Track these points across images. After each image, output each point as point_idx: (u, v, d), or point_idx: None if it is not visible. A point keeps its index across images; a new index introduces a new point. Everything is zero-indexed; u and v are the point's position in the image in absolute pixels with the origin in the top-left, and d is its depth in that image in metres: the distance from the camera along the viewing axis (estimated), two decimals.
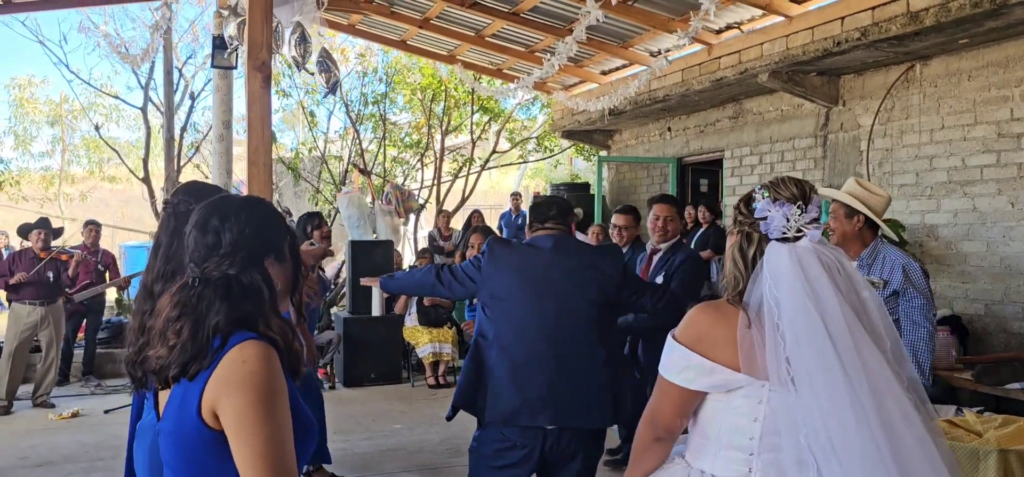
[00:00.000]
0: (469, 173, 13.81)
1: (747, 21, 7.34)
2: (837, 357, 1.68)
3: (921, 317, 3.58)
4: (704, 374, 1.80)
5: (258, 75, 3.40)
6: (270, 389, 1.55)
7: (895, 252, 3.69)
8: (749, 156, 8.81)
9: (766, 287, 1.75)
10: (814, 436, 1.69)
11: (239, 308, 1.61)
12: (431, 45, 9.93)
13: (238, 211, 1.71)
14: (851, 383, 1.67)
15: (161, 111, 12.37)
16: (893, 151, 7.00)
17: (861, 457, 1.65)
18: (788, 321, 1.71)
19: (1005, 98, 6.04)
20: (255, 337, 1.59)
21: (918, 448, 1.68)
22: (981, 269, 6.23)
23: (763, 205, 1.81)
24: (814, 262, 1.74)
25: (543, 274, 3.33)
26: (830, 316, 1.70)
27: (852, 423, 1.66)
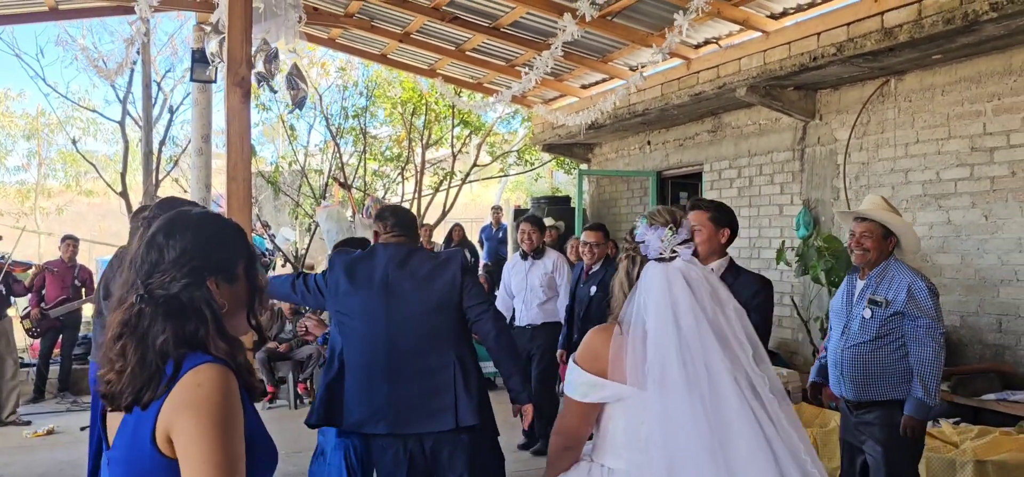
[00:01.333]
0: (450, 187, 13.82)
1: (725, 36, 7.42)
2: (686, 362, 1.93)
3: (925, 336, 3.50)
4: (596, 389, 2.06)
5: (237, 91, 3.39)
6: (225, 415, 1.50)
7: (905, 271, 3.62)
8: (728, 169, 8.89)
9: (638, 302, 2.03)
10: (663, 433, 1.93)
11: (183, 328, 1.56)
12: (411, 59, 9.94)
13: (185, 228, 1.65)
14: (696, 386, 1.92)
15: (139, 125, 12.28)
16: (869, 165, 7.08)
17: (696, 453, 1.89)
18: (653, 330, 1.98)
19: (978, 113, 6.14)
20: (211, 360, 1.54)
21: (754, 447, 1.90)
22: (956, 281, 6.32)
23: (641, 231, 2.11)
24: (679, 279, 2.01)
25: (381, 287, 3.38)
26: (685, 326, 1.96)
27: (696, 421, 1.90)
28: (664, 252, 2.06)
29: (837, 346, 3.72)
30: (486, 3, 7.59)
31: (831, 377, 3.79)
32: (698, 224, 3.24)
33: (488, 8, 7.72)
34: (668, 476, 1.92)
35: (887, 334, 3.57)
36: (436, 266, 3.43)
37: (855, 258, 3.71)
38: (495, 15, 7.85)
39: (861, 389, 3.59)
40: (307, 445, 6.45)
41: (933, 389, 3.51)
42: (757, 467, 1.89)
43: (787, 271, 7.54)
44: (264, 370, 8.03)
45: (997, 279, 6.02)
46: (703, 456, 1.89)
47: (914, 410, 3.51)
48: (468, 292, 3.41)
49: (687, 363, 1.94)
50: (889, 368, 3.56)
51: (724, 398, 1.93)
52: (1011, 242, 5.83)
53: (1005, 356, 5.88)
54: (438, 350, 3.34)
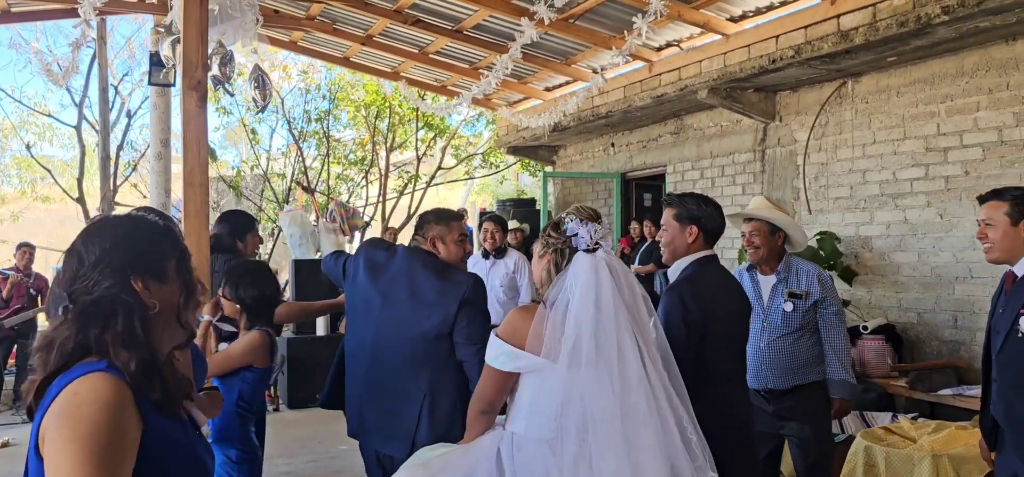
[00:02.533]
0: (414, 189, 13.76)
1: (686, 39, 7.48)
2: (600, 339, 2.17)
3: (837, 321, 3.87)
4: (513, 359, 2.30)
5: (193, 95, 3.33)
6: (97, 427, 1.36)
7: (806, 264, 3.93)
8: (690, 171, 8.97)
9: (566, 285, 2.26)
10: (576, 402, 2.15)
11: (85, 332, 1.47)
12: (375, 62, 9.88)
13: (103, 231, 1.59)
14: (607, 361, 2.16)
15: (96, 129, 12.02)
16: (828, 165, 7.20)
17: (602, 420, 2.12)
18: (574, 312, 2.21)
19: (932, 114, 6.27)
20: (103, 368, 1.43)
21: (650, 417, 2.16)
22: (913, 279, 6.44)
23: (572, 225, 2.36)
24: (604, 267, 2.27)
25: (382, 293, 3.22)
26: (605, 310, 2.20)
27: (603, 394, 2.14)
28: (591, 243, 2.31)
29: (758, 341, 3.82)
30: (449, 6, 7.57)
31: (751, 370, 3.77)
32: (664, 222, 3.16)
33: (451, 11, 7.71)
34: (579, 440, 2.13)
35: (807, 324, 3.83)
36: (440, 292, 3.14)
37: (749, 256, 3.93)
38: (458, 18, 7.84)
39: (787, 378, 3.80)
40: (272, 452, 6.38)
41: (850, 368, 3.88)
42: (651, 433, 2.15)
43: None
44: None
45: (952, 276, 6.14)
46: (608, 423, 2.12)
47: (845, 392, 3.84)
48: (460, 329, 3.10)
49: (601, 339, 2.18)
50: (807, 355, 3.83)
51: (629, 373, 2.18)
52: (965, 240, 5.96)
53: (961, 352, 6.01)
54: (414, 377, 3.11)
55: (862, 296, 6.83)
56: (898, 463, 4.13)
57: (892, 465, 4.15)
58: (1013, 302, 2.89)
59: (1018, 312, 2.83)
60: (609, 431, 2.11)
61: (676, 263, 3.10)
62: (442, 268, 3.20)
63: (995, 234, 2.94)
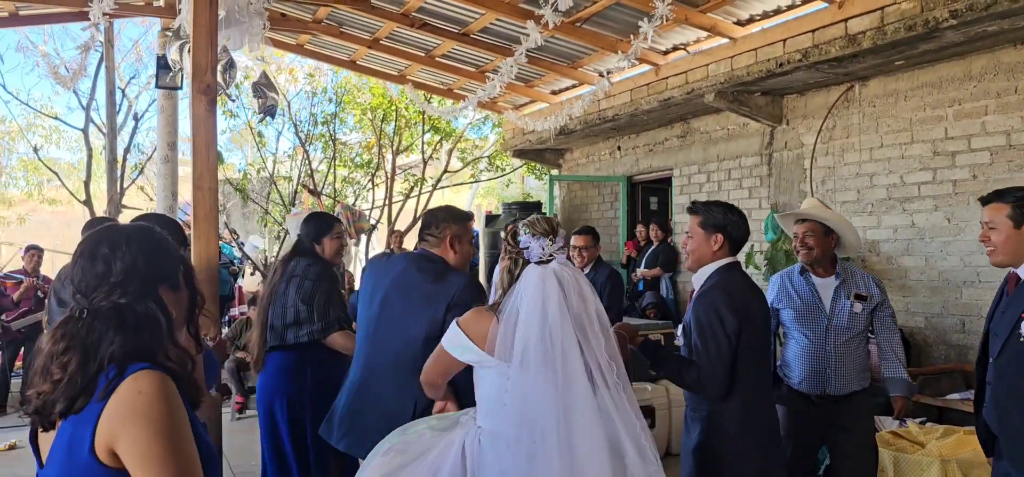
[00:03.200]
0: (420, 192, 13.76)
1: (693, 42, 7.48)
2: (547, 345, 2.29)
3: (893, 323, 3.88)
4: (465, 351, 2.43)
5: (203, 98, 3.34)
6: (172, 420, 1.49)
7: (857, 269, 3.92)
8: (697, 174, 8.96)
9: (516, 295, 2.38)
10: (521, 401, 2.29)
11: (136, 338, 1.54)
12: (381, 65, 9.89)
13: (128, 239, 1.64)
14: (552, 365, 2.28)
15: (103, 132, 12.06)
16: (835, 169, 7.18)
17: (545, 419, 2.26)
18: (524, 317, 2.33)
19: (940, 118, 6.26)
20: (150, 367, 1.52)
21: (592, 420, 2.27)
22: (921, 283, 6.42)
23: (525, 238, 2.44)
24: (553, 278, 2.37)
25: (381, 297, 3.16)
26: (551, 316, 2.31)
27: (548, 395, 2.26)
28: (544, 256, 2.41)
29: (821, 345, 3.69)
30: (455, 10, 7.58)
31: (805, 375, 3.71)
32: (690, 229, 3.14)
33: (457, 14, 7.71)
34: (520, 435, 2.28)
35: (867, 327, 3.78)
36: (431, 296, 3.04)
37: (801, 257, 3.80)
38: (464, 21, 7.84)
39: (848, 382, 3.68)
40: None
41: (905, 363, 3.89)
42: (592, 437, 2.26)
43: (757, 275, 7.61)
44: (233, 379, 7.91)
45: (960, 280, 6.13)
46: (550, 423, 2.26)
47: (903, 389, 3.80)
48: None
49: (547, 345, 2.29)
50: (863, 360, 3.76)
51: (574, 378, 2.29)
52: (973, 244, 5.94)
53: (969, 356, 5.99)
54: (402, 385, 2.99)
55: None
56: (907, 468, 4.12)
57: (901, 470, 4.13)
58: (1015, 305, 2.83)
59: (1019, 316, 2.77)
60: (554, 435, 2.25)
61: (701, 270, 3.10)
62: (439, 271, 3.12)
63: (998, 237, 2.90)
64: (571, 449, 2.24)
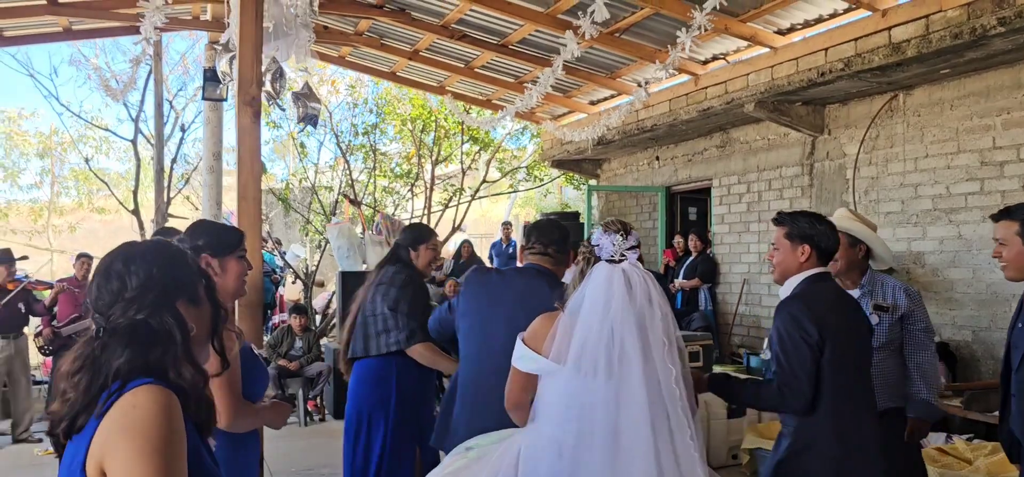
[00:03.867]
0: (458, 202, 13.85)
1: (733, 52, 7.43)
2: (608, 347, 2.25)
3: (926, 338, 3.58)
4: (531, 361, 2.42)
5: (248, 110, 3.42)
6: (163, 438, 1.39)
7: (891, 279, 3.71)
8: (737, 184, 8.88)
9: (582, 292, 2.35)
10: (577, 406, 2.26)
11: (146, 353, 1.48)
12: (421, 76, 10.00)
13: (144, 254, 1.61)
14: (610, 368, 2.24)
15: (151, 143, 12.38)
16: (879, 179, 7.07)
17: (605, 428, 2.22)
18: (583, 318, 2.30)
19: (987, 127, 6.13)
20: (152, 382, 1.45)
21: (644, 429, 2.22)
22: (967, 296, 6.28)
23: (597, 236, 2.46)
24: (620, 276, 2.33)
25: (492, 305, 3.16)
26: (614, 316, 2.27)
27: (601, 398, 2.23)
28: (615, 255, 2.41)
29: None
30: (494, 21, 7.64)
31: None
32: (775, 241, 3.05)
33: (497, 26, 7.77)
34: (569, 438, 2.25)
35: (891, 341, 3.55)
36: (550, 299, 2.97)
37: (832, 267, 3.70)
38: (503, 33, 7.90)
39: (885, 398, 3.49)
40: (317, 463, 6.47)
41: (936, 392, 3.53)
42: (643, 443, 2.21)
43: None
44: (274, 386, 8.05)
45: (1009, 293, 5.98)
46: (599, 428, 2.23)
47: (923, 411, 3.49)
48: None
49: (607, 344, 2.26)
50: (892, 375, 3.53)
51: (633, 382, 2.25)
52: None
53: None
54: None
55: None
56: None
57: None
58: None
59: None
60: (603, 435, 2.23)
61: (788, 282, 2.99)
62: (554, 279, 3.14)
63: (1009, 253, 2.94)
64: (620, 456, 2.20)
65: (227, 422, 2.49)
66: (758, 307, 8.62)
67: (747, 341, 8.66)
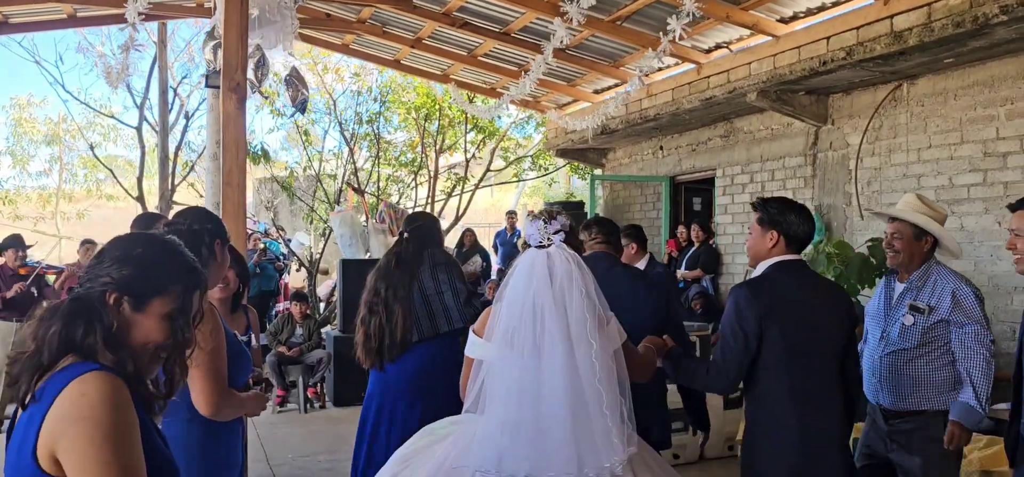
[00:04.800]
0: (463, 191, 13.83)
1: (735, 41, 7.37)
2: (529, 323, 2.38)
3: (975, 343, 3.33)
4: (475, 347, 2.58)
5: (233, 96, 3.41)
6: (115, 425, 1.39)
7: (948, 276, 3.43)
8: (740, 175, 8.82)
9: (508, 278, 2.49)
10: (506, 379, 2.39)
11: (73, 329, 1.48)
12: (424, 64, 9.98)
13: (123, 241, 1.64)
14: (536, 344, 2.37)
15: (156, 130, 12.42)
16: (882, 170, 7.00)
17: (530, 403, 2.36)
18: (508, 298, 2.45)
19: (991, 117, 6.05)
20: (98, 368, 1.45)
21: (564, 404, 2.34)
22: None
23: (526, 226, 2.61)
24: (543, 260, 2.45)
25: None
26: (536, 298, 2.40)
27: (529, 372, 2.36)
28: (542, 240, 2.51)
29: (874, 352, 3.50)
30: (496, 9, 7.60)
31: (867, 383, 3.53)
32: (751, 227, 3.07)
33: (498, 14, 7.73)
34: (508, 413, 2.37)
35: (930, 342, 3.38)
36: (644, 284, 3.40)
37: (888, 260, 3.53)
38: (505, 21, 7.86)
39: (900, 398, 3.39)
40: (314, 449, 6.49)
41: (984, 397, 3.32)
42: (562, 417, 2.34)
43: None
44: (274, 374, 8.06)
45: (1010, 286, 5.92)
46: (528, 399, 2.36)
47: (962, 415, 3.30)
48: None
49: (527, 325, 2.39)
50: (931, 377, 3.37)
51: (556, 358, 2.37)
52: None
53: None
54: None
55: None
56: None
57: None
58: None
59: None
60: (531, 410, 2.36)
61: (759, 266, 3.02)
62: (636, 272, 3.49)
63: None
64: (541, 429, 2.34)
65: (211, 411, 2.53)
66: None
67: None
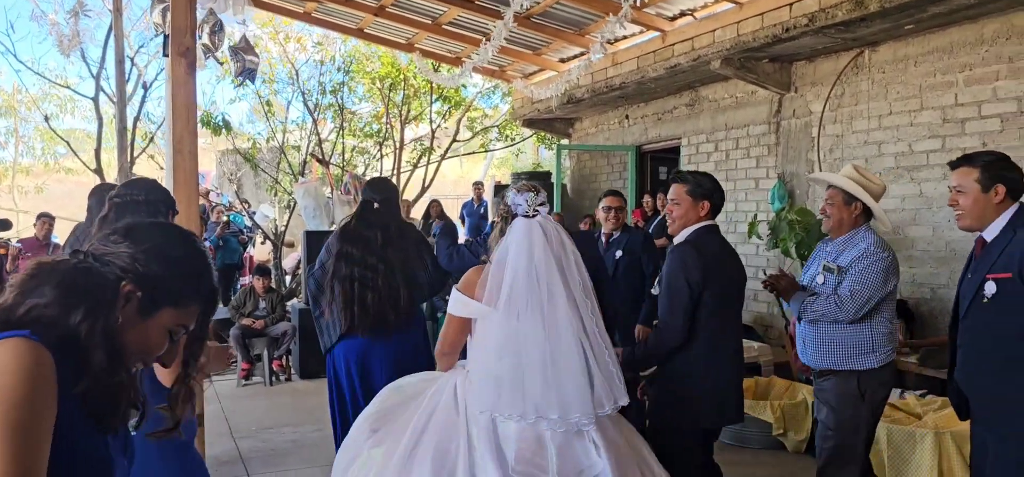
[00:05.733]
0: (429, 162, 13.72)
1: (700, 8, 7.34)
2: (533, 286, 2.58)
3: (846, 293, 3.42)
4: (464, 306, 2.74)
5: (182, 61, 3.31)
6: (18, 401, 1.20)
7: (870, 240, 3.50)
8: (705, 143, 8.84)
9: (505, 244, 2.68)
10: (513, 342, 2.57)
11: (67, 307, 1.32)
12: (388, 33, 9.83)
13: (153, 232, 1.49)
14: (539, 305, 2.57)
15: (113, 101, 12.10)
16: (843, 137, 7.05)
17: (540, 357, 2.55)
18: (511, 262, 2.63)
19: (950, 83, 6.11)
20: (24, 334, 1.26)
21: (575, 351, 2.57)
22: (927, 253, 6.31)
23: (512, 196, 2.77)
24: (537, 229, 2.67)
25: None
26: (537, 259, 2.61)
27: (536, 331, 2.56)
28: (529, 211, 2.71)
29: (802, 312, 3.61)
30: None
31: (797, 345, 3.72)
32: (676, 197, 3.36)
33: None
34: (514, 374, 2.54)
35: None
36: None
37: (823, 225, 3.69)
38: None
39: (819, 357, 3.51)
40: (278, 422, 6.44)
41: (798, 311, 3.56)
42: (576, 364, 2.56)
43: (761, 245, 7.53)
44: (238, 347, 7.97)
45: (966, 251, 5.97)
46: (536, 356, 2.54)
47: (795, 301, 3.57)
48: None
49: (533, 287, 2.58)
50: (843, 337, 3.44)
51: (558, 315, 2.57)
52: None
53: None
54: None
55: None
56: (900, 439, 4.06)
57: (895, 441, 4.07)
58: (981, 267, 2.87)
59: (984, 277, 2.81)
60: (540, 364, 2.54)
61: (683, 231, 3.36)
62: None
63: (966, 201, 2.92)
64: (558, 376, 2.53)
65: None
66: None
67: None
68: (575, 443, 2.53)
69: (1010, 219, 2.85)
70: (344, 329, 4.03)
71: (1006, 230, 2.84)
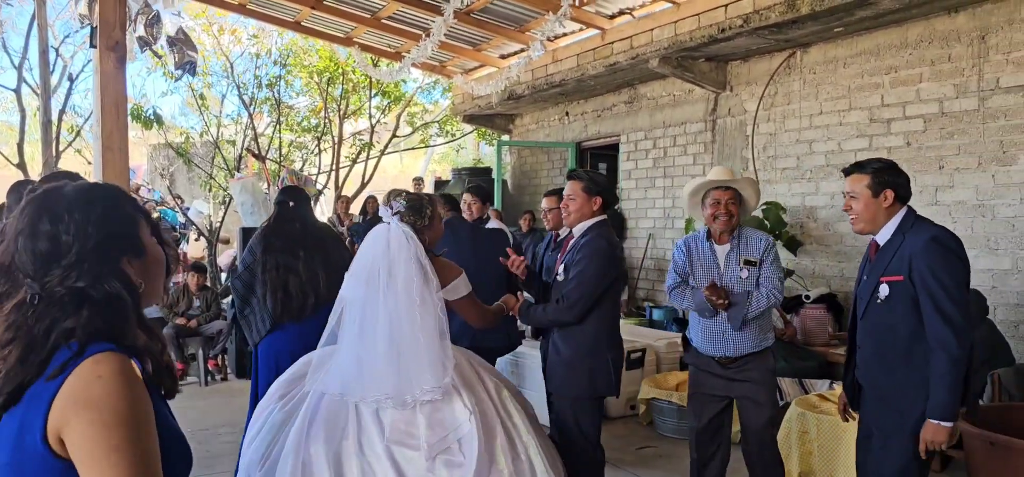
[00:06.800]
0: (368, 158, 13.58)
1: (639, 7, 7.44)
2: (365, 278, 3.04)
3: (771, 288, 3.80)
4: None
5: (111, 55, 3.20)
6: (130, 412, 1.28)
7: (755, 233, 3.90)
8: (643, 140, 8.96)
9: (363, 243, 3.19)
10: (353, 327, 3.02)
11: (101, 319, 1.35)
12: (326, 26, 9.67)
13: (71, 206, 1.39)
14: (371, 294, 3.01)
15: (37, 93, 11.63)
16: (776, 136, 7.24)
17: (374, 340, 2.98)
18: (356, 260, 3.15)
19: (876, 85, 6.32)
20: (115, 349, 1.32)
21: (410, 339, 2.96)
22: (856, 248, 6.52)
23: (381, 206, 3.22)
24: (384, 234, 3.10)
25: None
26: (373, 264, 3.04)
27: (363, 316, 3.01)
28: (387, 218, 3.15)
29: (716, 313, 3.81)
30: None
31: (705, 339, 3.85)
32: (572, 193, 3.64)
33: None
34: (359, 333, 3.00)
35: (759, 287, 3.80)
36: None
37: (721, 224, 3.81)
38: None
39: (743, 344, 3.78)
40: (215, 423, 6.30)
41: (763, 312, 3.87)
42: (389, 344, 2.95)
43: None
44: (172, 346, 7.77)
45: None
46: (370, 325, 2.99)
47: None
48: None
49: (366, 279, 3.03)
50: (763, 321, 3.83)
51: (385, 302, 2.98)
52: None
53: None
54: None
55: (806, 265, 6.91)
56: (827, 431, 4.19)
57: (823, 433, 4.20)
58: (875, 270, 3.00)
59: (878, 280, 2.95)
60: (368, 346, 2.99)
61: (581, 225, 3.65)
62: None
63: (858, 206, 3.04)
64: (371, 356, 2.96)
65: None
66: (663, 261, 8.77)
67: (652, 294, 8.82)
68: (443, 407, 2.90)
69: (899, 223, 2.99)
70: (273, 320, 4.31)
71: (896, 234, 2.98)
